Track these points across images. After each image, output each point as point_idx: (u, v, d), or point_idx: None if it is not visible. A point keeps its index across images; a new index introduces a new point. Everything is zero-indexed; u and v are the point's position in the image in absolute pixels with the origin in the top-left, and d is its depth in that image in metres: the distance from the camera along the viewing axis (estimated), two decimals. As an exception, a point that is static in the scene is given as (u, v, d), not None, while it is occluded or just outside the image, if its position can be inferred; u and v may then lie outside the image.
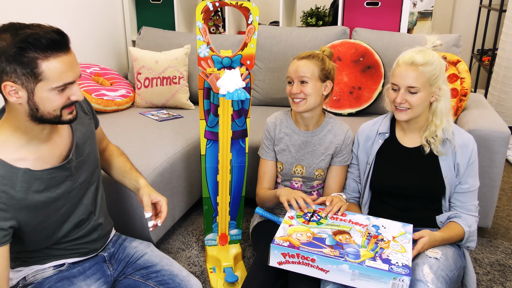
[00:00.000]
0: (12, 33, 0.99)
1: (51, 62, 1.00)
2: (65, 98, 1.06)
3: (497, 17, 3.58)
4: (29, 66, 0.99)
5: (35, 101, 1.03)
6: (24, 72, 0.99)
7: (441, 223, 1.48)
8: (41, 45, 0.99)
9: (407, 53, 1.41)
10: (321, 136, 1.65)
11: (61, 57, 1.02)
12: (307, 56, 1.55)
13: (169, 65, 2.63)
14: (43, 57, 0.99)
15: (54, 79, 1.02)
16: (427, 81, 1.39)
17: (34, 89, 1.01)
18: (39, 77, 1.00)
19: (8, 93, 1.01)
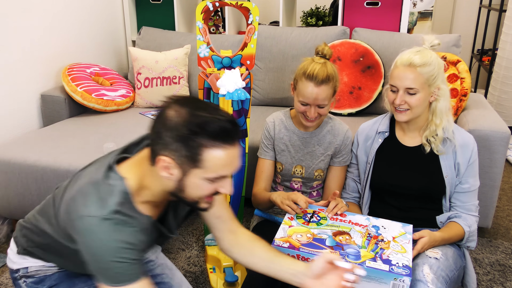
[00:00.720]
0: (190, 111, 0.93)
1: (216, 152, 0.94)
2: (213, 189, 0.99)
3: (497, 17, 3.58)
4: (193, 150, 0.93)
5: (184, 184, 0.97)
6: (186, 154, 0.93)
7: (441, 223, 1.48)
8: (213, 133, 0.92)
9: (405, 54, 1.41)
10: (320, 137, 1.65)
11: (227, 149, 0.95)
12: (325, 81, 1.49)
13: (169, 65, 2.63)
14: (210, 146, 0.93)
15: (211, 170, 0.95)
16: (425, 82, 1.38)
17: (188, 172, 0.95)
18: (198, 164, 0.94)
19: (161, 167, 0.96)
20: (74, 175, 1.13)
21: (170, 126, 0.93)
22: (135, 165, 1.05)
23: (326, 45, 1.54)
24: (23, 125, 2.38)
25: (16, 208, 2.02)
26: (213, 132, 0.92)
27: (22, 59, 2.33)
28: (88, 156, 1.91)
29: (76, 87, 2.40)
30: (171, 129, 0.93)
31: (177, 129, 0.92)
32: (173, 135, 0.93)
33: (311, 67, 1.49)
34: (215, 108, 0.96)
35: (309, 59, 1.53)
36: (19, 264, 1.21)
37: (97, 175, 1.01)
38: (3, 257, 2.00)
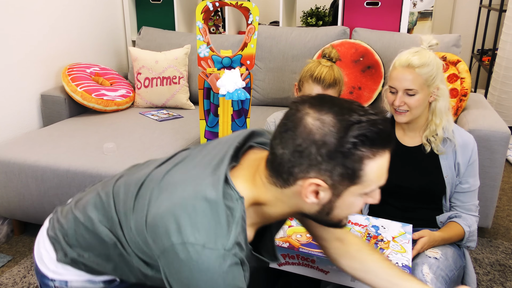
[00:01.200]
0: (337, 116, 0.75)
1: (376, 162, 0.77)
2: (363, 203, 0.83)
3: (497, 17, 3.58)
4: (354, 166, 0.75)
5: (334, 205, 0.80)
6: (342, 173, 0.75)
7: (441, 223, 1.48)
8: (374, 140, 0.75)
9: (403, 55, 1.41)
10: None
11: (386, 154, 0.78)
12: (332, 85, 1.48)
13: (169, 65, 2.63)
14: (373, 156, 0.76)
15: (371, 183, 0.78)
16: (424, 82, 1.38)
17: (343, 192, 0.78)
18: (356, 180, 0.77)
19: (307, 192, 0.78)
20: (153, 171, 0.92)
21: (316, 140, 0.74)
22: (248, 178, 0.85)
23: (333, 48, 1.53)
24: (23, 125, 2.38)
25: (16, 208, 2.02)
26: (374, 138, 0.75)
27: (22, 59, 2.33)
28: (88, 156, 1.91)
29: (76, 87, 2.40)
30: (319, 143, 0.74)
31: (329, 142, 0.74)
32: (324, 151, 0.74)
33: (318, 70, 1.48)
34: (360, 106, 0.79)
35: (316, 61, 1.52)
36: (57, 274, 1.00)
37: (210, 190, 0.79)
38: (3, 257, 2.01)
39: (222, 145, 0.89)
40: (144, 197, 0.86)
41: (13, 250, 2.07)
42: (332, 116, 0.75)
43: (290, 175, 0.78)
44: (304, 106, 0.77)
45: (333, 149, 0.74)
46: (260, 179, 0.83)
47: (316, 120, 0.75)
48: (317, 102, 0.78)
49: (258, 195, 0.83)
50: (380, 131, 0.75)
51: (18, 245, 2.11)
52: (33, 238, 2.16)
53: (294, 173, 0.77)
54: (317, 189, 0.77)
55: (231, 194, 0.81)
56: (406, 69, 1.38)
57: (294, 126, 0.76)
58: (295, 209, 0.83)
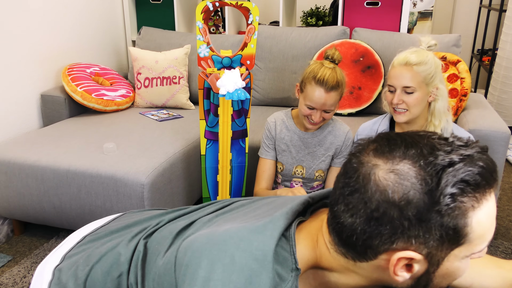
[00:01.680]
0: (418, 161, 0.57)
1: (483, 209, 0.57)
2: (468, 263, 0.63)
3: (497, 17, 3.58)
4: (455, 225, 0.56)
5: (434, 276, 0.61)
6: (442, 236, 0.56)
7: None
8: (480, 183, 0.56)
9: (402, 54, 1.42)
10: (321, 137, 1.65)
11: (492, 194, 0.59)
12: (335, 87, 1.49)
13: (169, 65, 2.63)
14: (476, 203, 0.57)
15: (480, 239, 0.59)
16: (422, 81, 1.39)
17: (443, 258, 0.59)
18: (462, 240, 0.58)
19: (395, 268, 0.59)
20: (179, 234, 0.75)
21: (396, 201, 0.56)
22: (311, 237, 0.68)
23: (336, 50, 1.53)
24: (23, 125, 2.38)
25: (16, 208, 2.02)
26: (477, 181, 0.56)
27: (22, 59, 2.33)
28: (88, 156, 1.91)
29: (76, 87, 2.40)
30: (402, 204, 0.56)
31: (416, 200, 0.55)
32: (412, 213, 0.56)
33: (321, 72, 1.47)
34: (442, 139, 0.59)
35: (318, 63, 1.52)
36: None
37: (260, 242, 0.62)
38: (3, 257, 2.01)
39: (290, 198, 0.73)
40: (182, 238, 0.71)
41: (13, 250, 2.07)
42: (411, 163, 0.57)
43: (369, 248, 0.59)
44: (368, 155, 0.60)
45: (424, 208, 0.55)
46: (324, 243, 0.65)
47: (390, 173, 0.57)
48: (384, 147, 0.60)
49: (320, 259, 0.66)
50: (482, 169, 0.56)
51: (18, 245, 2.11)
52: (33, 238, 2.16)
53: (374, 246, 0.59)
54: (409, 261, 0.59)
55: (286, 258, 0.63)
56: (404, 67, 1.39)
57: (362, 186, 0.58)
58: (375, 282, 0.64)
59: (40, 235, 2.18)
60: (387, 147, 0.59)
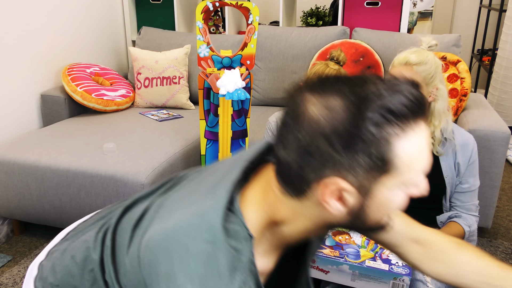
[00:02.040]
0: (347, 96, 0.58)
1: (410, 139, 0.59)
2: (406, 195, 0.65)
3: (497, 17, 3.58)
4: (381, 152, 0.57)
5: (366, 206, 0.62)
6: (367, 162, 0.58)
7: (441, 223, 1.48)
8: (405, 111, 0.58)
9: (402, 54, 1.42)
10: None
11: (421, 127, 0.60)
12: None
13: (169, 65, 2.63)
14: (402, 134, 0.58)
15: (408, 169, 0.60)
16: (422, 81, 1.39)
17: (373, 188, 0.60)
18: (389, 168, 0.59)
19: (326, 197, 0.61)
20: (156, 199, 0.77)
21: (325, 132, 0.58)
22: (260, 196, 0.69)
23: (341, 51, 1.53)
24: (23, 125, 2.38)
25: (16, 208, 2.02)
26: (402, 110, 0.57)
27: (22, 59, 2.33)
28: (88, 156, 1.91)
29: (76, 87, 2.40)
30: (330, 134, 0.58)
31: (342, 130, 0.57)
32: (338, 141, 0.57)
33: (326, 73, 1.48)
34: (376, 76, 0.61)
35: (323, 64, 1.51)
36: None
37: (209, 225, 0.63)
38: (3, 257, 2.01)
39: (230, 163, 0.72)
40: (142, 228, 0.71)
41: (13, 250, 2.07)
42: (342, 97, 0.58)
43: (302, 181, 0.61)
44: (304, 94, 0.61)
45: (349, 136, 0.57)
46: (273, 193, 0.67)
47: (320, 107, 0.58)
48: (319, 86, 0.61)
49: (273, 214, 0.67)
50: (408, 98, 0.57)
51: (18, 245, 2.11)
52: (33, 238, 2.16)
53: (306, 177, 0.60)
54: (340, 192, 0.60)
55: (237, 230, 0.64)
56: (404, 67, 1.39)
57: (295, 121, 0.60)
58: (320, 222, 0.66)
59: (40, 235, 2.18)
60: (321, 85, 0.61)
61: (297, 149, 0.60)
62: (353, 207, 0.61)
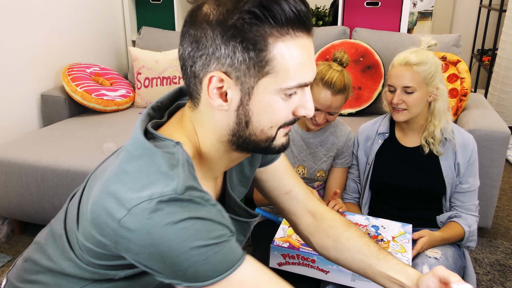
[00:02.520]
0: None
1: (287, 44, 0.63)
2: (289, 111, 0.68)
3: (497, 17, 3.58)
4: (256, 46, 0.62)
5: (249, 109, 0.66)
6: (246, 57, 0.62)
7: (441, 223, 1.48)
8: (280, 14, 0.61)
9: (402, 54, 1.42)
10: (323, 138, 1.65)
11: (302, 39, 0.64)
12: (342, 90, 1.47)
13: (169, 65, 2.63)
14: (278, 35, 0.62)
15: (287, 74, 0.64)
16: (422, 81, 1.39)
17: (253, 88, 0.64)
18: (266, 68, 0.63)
19: (211, 91, 0.65)
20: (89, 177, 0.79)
21: (210, 21, 0.63)
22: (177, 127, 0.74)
23: (345, 53, 1.52)
24: (23, 125, 2.38)
25: (16, 208, 2.02)
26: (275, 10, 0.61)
27: (22, 59, 2.33)
28: (88, 156, 1.91)
29: (76, 87, 2.40)
30: (213, 24, 0.62)
31: (224, 20, 0.62)
32: (221, 32, 0.62)
33: (329, 74, 1.46)
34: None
35: (326, 65, 1.50)
36: None
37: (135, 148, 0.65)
38: (3, 257, 2.01)
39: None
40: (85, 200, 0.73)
41: (13, 250, 2.07)
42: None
43: (195, 77, 0.66)
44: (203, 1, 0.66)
45: (226, 24, 0.61)
46: (186, 118, 0.72)
47: (213, 4, 0.63)
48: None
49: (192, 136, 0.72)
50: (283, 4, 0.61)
51: (18, 245, 2.11)
52: (33, 238, 2.16)
53: (197, 72, 0.65)
54: (222, 86, 0.64)
55: (164, 143, 0.67)
56: (404, 67, 1.39)
57: (191, 18, 0.65)
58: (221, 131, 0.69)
59: (40, 235, 2.18)
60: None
61: (190, 42, 0.65)
62: (237, 107, 0.66)
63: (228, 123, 0.68)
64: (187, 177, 0.63)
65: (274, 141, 0.70)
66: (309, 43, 0.66)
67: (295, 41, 0.63)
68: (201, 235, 0.62)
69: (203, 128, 0.71)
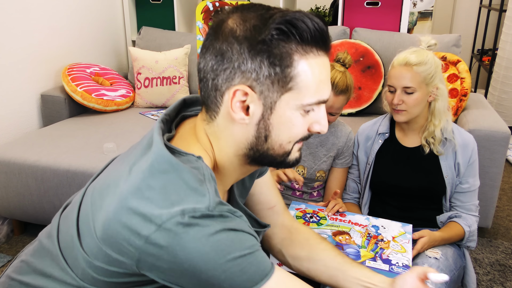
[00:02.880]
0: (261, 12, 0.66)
1: (310, 61, 0.66)
2: (306, 127, 0.71)
3: (497, 17, 3.58)
4: (282, 62, 0.64)
5: (269, 123, 0.67)
6: (271, 72, 0.64)
7: (441, 223, 1.48)
8: (306, 33, 0.64)
9: (401, 54, 1.42)
10: (323, 138, 1.65)
11: (323, 58, 0.68)
12: (344, 91, 1.49)
13: (169, 65, 2.63)
14: (303, 53, 0.65)
15: (309, 91, 0.67)
16: (422, 81, 1.39)
17: (275, 102, 0.66)
18: (290, 84, 0.65)
19: (234, 104, 0.66)
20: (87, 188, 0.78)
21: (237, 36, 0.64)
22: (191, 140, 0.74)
23: (348, 54, 1.53)
24: (23, 125, 2.38)
25: (16, 208, 2.02)
26: (302, 29, 0.64)
27: (22, 59, 2.33)
28: (88, 156, 1.91)
29: (76, 87, 2.40)
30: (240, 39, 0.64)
31: (251, 35, 0.63)
32: (246, 46, 0.64)
33: (332, 75, 1.47)
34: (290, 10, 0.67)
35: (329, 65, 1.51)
36: None
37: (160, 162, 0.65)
38: (3, 257, 2.01)
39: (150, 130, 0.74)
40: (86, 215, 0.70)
41: (13, 250, 2.07)
42: (256, 13, 0.65)
43: (216, 90, 0.67)
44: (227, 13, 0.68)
45: (254, 39, 0.63)
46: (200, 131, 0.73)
47: (238, 20, 0.65)
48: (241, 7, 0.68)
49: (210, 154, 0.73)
50: (312, 22, 0.64)
51: (18, 245, 2.11)
52: (33, 238, 2.16)
53: (219, 85, 0.66)
54: (245, 100, 0.66)
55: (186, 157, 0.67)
56: (404, 67, 1.39)
57: (216, 32, 0.66)
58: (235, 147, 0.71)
59: (40, 235, 2.18)
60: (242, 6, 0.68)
61: (215, 55, 0.66)
62: (258, 121, 0.67)
63: (247, 137, 0.69)
64: (215, 192, 0.65)
65: (289, 155, 0.72)
66: (328, 62, 0.69)
67: (317, 60, 0.66)
68: (236, 245, 0.63)
69: (219, 142, 0.71)
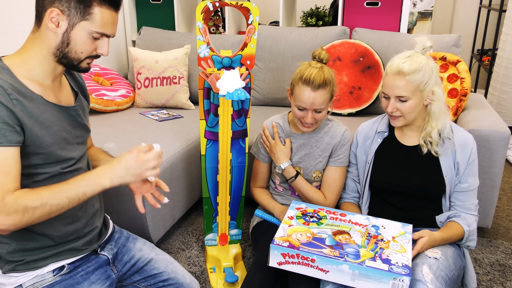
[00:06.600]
0: None
1: (103, 10, 1.07)
2: (94, 48, 1.11)
3: (497, 17, 3.58)
4: (84, 3, 1.05)
5: (70, 36, 1.07)
6: (76, 6, 1.04)
7: (441, 223, 1.48)
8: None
9: (395, 61, 1.40)
10: (318, 138, 1.65)
11: (112, 12, 1.10)
12: (322, 85, 1.49)
13: (169, 65, 2.63)
14: (99, 3, 1.06)
15: (97, 24, 1.07)
16: (416, 88, 1.38)
17: (75, 24, 1.06)
18: (87, 16, 1.06)
19: (50, 19, 1.05)
20: None
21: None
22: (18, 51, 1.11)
23: (323, 50, 1.55)
24: (23, 125, 2.38)
25: (16, 208, 2.02)
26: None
27: (22, 59, 2.33)
28: (88, 156, 1.91)
29: (76, 87, 2.40)
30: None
31: None
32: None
33: (307, 72, 1.50)
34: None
35: (306, 64, 1.54)
36: (10, 285, 1.11)
37: None
38: (3, 257, 2.01)
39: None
40: None
41: (13, 250, 2.07)
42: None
43: (40, 11, 1.05)
44: None
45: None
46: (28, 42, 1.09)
47: None
48: None
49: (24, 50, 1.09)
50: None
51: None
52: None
53: (45, 4, 1.04)
54: (57, 17, 1.04)
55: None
56: (397, 76, 1.38)
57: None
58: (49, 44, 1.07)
59: (40, 235, 2.18)
60: None
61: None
62: (63, 32, 1.06)
63: (56, 42, 1.07)
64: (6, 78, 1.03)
65: (81, 63, 1.12)
66: (115, 15, 1.12)
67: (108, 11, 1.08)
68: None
69: (38, 41, 1.08)
